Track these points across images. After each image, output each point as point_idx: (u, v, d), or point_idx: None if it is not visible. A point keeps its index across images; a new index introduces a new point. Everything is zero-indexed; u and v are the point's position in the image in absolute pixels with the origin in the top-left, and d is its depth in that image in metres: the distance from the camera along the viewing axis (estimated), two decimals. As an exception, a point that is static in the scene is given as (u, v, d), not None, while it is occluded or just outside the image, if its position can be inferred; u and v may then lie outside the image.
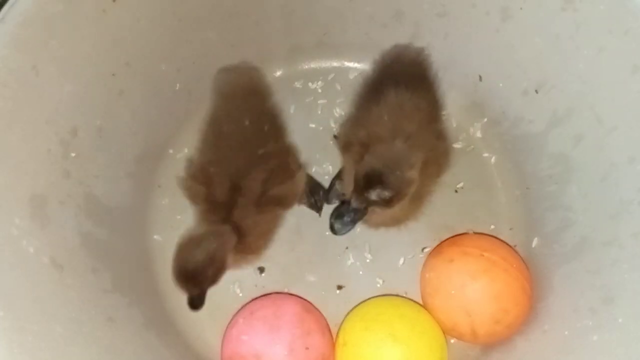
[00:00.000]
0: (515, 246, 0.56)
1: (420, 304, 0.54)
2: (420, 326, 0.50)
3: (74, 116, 0.48)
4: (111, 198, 0.53)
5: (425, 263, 0.55)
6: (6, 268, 0.41)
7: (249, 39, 0.58)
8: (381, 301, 0.54)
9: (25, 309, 0.41)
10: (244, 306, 0.54)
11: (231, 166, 0.50)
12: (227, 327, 0.53)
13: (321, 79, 0.62)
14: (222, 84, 0.56)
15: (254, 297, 0.55)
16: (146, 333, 0.51)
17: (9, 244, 0.42)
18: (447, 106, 0.59)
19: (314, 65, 0.62)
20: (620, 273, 0.45)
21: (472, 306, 0.49)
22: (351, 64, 0.62)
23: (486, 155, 0.60)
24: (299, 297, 0.55)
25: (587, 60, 0.47)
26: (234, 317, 0.53)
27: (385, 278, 0.57)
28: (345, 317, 0.54)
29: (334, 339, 0.53)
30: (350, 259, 0.57)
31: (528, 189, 0.57)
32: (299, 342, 0.49)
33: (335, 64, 0.62)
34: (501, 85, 0.56)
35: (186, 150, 0.59)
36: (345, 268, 0.57)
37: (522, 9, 0.50)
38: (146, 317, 0.52)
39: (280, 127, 0.55)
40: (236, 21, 0.56)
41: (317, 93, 0.62)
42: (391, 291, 0.56)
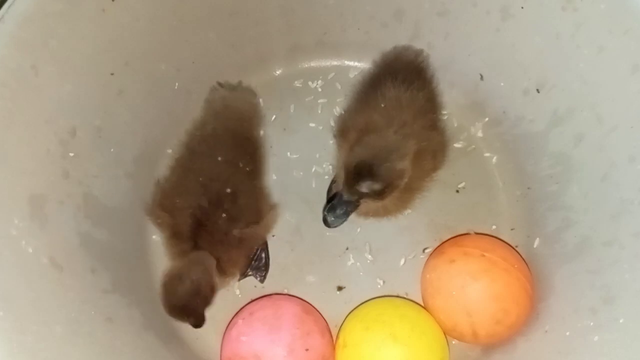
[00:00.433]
0: (517, 246, 0.56)
1: (421, 305, 0.54)
2: (421, 327, 0.50)
3: (73, 116, 0.47)
4: (110, 198, 0.53)
5: (426, 263, 0.55)
6: (5, 268, 0.41)
7: (249, 38, 0.58)
8: (382, 302, 0.54)
9: (24, 309, 0.41)
10: (243, 307, 0.54)
11: (197, 200, 0.49)
12: (227, 327, 0.53)
13: (321, 78, 0.62)
14: (216, 99, 0.56)
15: (254, 298, 0.55)
16: (145, 333, 0.51)
17: (8, 244, 0.42)
18: (447, 106, 0.59)
19: (314, 64, 0.62)
20: (621, 273, 0.45)
21: (473, 307, 0.49)
22: (351, 63, 0.62)
23: (487, 155, 0.60)
24: (298, 298, 0.55)
25: (587, 60, 0.47)
26: (233, 317, 0.53)
27: (386, 279, 0.56)
28: (346, 318, 0.54)
29: (334, 340, 0.53)
30: (351, 259, 0.57)
31: (529, 188, 0.57)
32: (299, 343, 0.49)
33: (336, 62, 0.62)
34: (502, 84, 0.56)
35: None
36: (345, 269, 0.57)
37: (522, 8, 0.50)
38: (145, 318, 0.52)
39: (259, 163, 0.54)
40: (236, 21, 0.56)
41: (317, 92, 0.62)
42: (392, 292, 0.56)
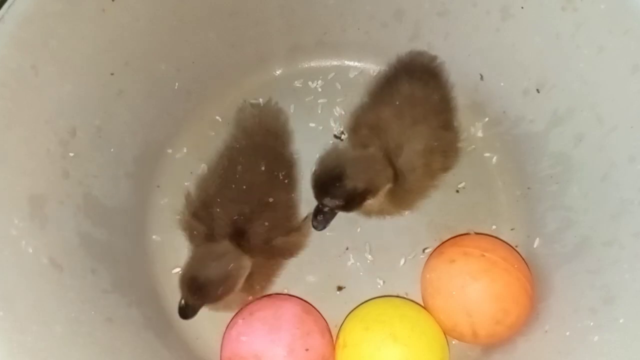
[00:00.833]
0: (517, 246, 0.56)
1: (421, 305, 0.54)
2: (421, 327, 0.50)
3: (73, 116, 0.47)
4: (110, 198, 0.53)
5: (426, 264, 0.55)
6: (5, 268, 0.41)
7: (249, 38, 0.58)
8: (382, 302, 0.54)
9: (24, 309, 0.41)
10: (243, 307, 0.54)
11: (238, 209, 0.49)
12: (227, 327, 0.53)
13: (321, 78, 0.62)
14: (245, 118, 0.56)
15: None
16: (145, 333, 0.51)
17: (8, 244, 0.42)
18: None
19: (314, 64, 0.62)
20: (621, 273, 0.45)
21: (473, 307, 0.49)
22: (351, 63, 0.62)
23: (487, 155, 0.60)
24: (298, 298, 0.55)
25: (587, 60, 0.47)
26: (233, 317, 0.53)
27: (386, 279, 0.56)
28: (346, 318, 0.53)
29: (334, 340, 0.53)
30: (351, 259, 0.57)
31: (529, 189, 0.57)
32: (299, 343, 0.49)
33: (336, 62, 0.62)
34: (502, 84, 0.56)
35: (185, 150, 0.59)
36: (345, 269, 0.57)
37: (522, 8, 0.50)
38: (145, 318, 0.52)
39: (294, 177, 0.55)
40: (236, 21, 0.56)
41: (317, 92, 0.61)
42: (392, 292, 0.56)
